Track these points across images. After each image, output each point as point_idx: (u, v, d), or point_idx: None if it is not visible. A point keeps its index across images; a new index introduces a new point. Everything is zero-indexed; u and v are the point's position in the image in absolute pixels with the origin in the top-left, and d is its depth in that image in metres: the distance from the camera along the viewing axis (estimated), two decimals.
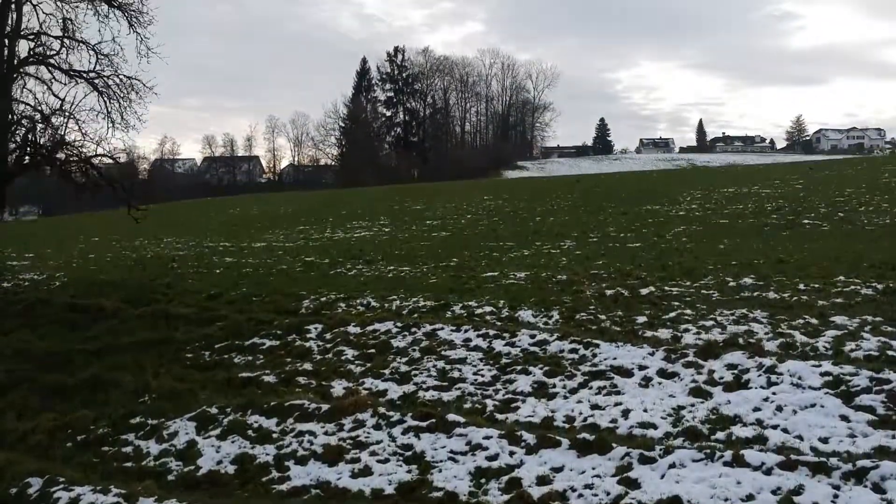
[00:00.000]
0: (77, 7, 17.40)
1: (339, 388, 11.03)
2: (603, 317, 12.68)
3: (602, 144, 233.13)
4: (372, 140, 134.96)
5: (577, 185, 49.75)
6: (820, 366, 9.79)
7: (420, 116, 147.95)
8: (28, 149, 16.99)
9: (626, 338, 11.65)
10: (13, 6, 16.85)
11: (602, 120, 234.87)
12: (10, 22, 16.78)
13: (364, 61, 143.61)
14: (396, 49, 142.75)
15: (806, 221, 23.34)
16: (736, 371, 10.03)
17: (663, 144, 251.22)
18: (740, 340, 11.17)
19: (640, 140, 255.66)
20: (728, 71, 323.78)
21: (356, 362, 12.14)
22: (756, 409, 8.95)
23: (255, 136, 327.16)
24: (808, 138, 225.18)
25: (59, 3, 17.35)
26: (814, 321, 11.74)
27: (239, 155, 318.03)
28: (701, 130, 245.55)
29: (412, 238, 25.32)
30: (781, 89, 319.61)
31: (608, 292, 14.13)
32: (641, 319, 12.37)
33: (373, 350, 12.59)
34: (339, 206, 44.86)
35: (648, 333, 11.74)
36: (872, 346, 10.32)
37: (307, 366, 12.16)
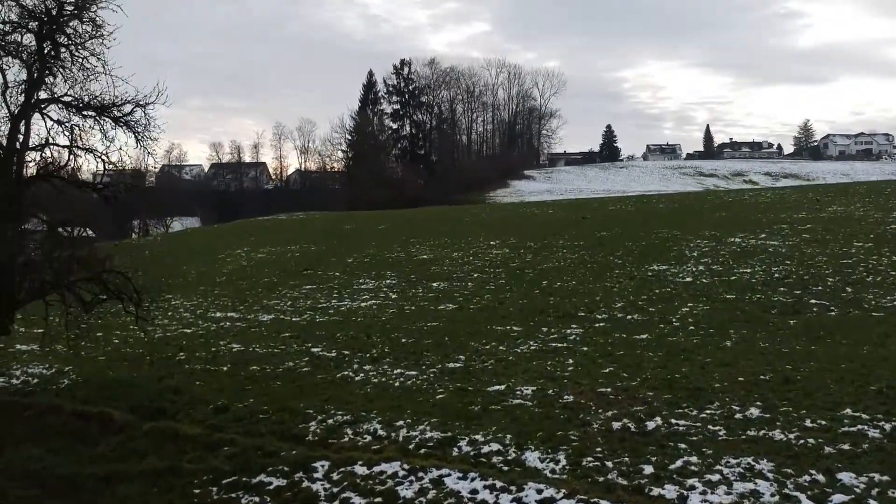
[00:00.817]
0: (85, 118, 17.49)
1: None
2: (610, 464, 12.69)
3: (608, 151, 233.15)
4: (378, 153, 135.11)
5: (584, 221, 49.80)
6: None
7: (427, 129, 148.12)
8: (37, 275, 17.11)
9: (633, 498, 11.71)
10: (23, 120, 16.96)
11: (609, 126, 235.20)
12: (19, 136, 16.92)
13: (370, 74, 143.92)
14: (403, 62, 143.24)
15: (813, 302, 23.27)
16: None
17: (670, 150, 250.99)
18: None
19: (647, 146, 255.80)
20: (734, 69, 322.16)
21: None
22: None
23: (262, 144, 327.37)
24: (815, 144, 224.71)
25: (66, 112, 17.47)
26: (820, 478, 11.75)
27: (246, 161, 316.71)
28: (708, 136, 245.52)
29: (418, 313, 25.34)
30: (787, 88, 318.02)
31: (615, 425, 14.15)
32: (648, 470, 12.38)
33: (379, 499, 12.67)
34: (347, 246, 44.81)
35: (655, 492, 11.76)
36: None
37: None
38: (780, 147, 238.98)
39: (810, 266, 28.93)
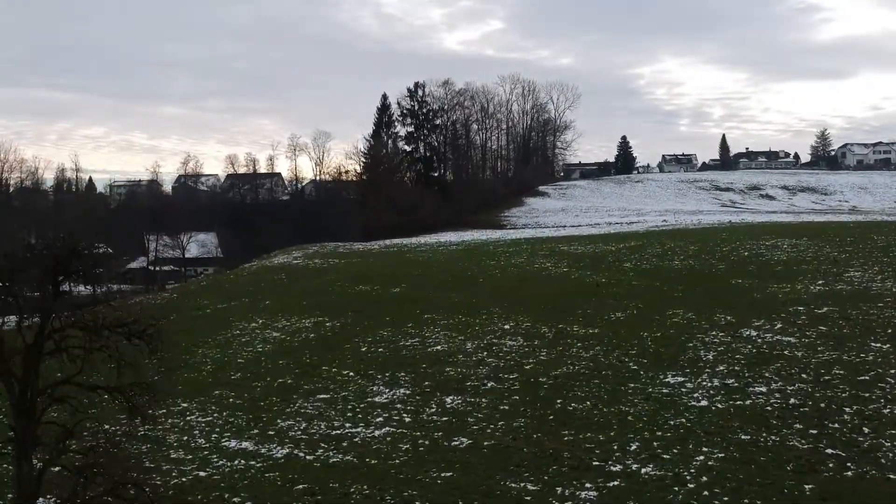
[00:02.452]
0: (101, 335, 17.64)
1: None
2: None
3: (623, 162, 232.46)
4: (392, 176, 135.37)
5: (597, 288, 49.64)
6: None
7: (441, 150, 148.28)
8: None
9: None
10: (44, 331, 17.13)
11: (624, 138, 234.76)
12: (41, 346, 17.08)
13: (384, 97, 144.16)
14: (417, 84, 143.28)
15: (830, 452, 23.07)
16: None
17: (686, 160, 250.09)
18: None
19: (663, 156, 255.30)
20: (751, 65, 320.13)
21: None
22: None
23: (277, 157, 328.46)
24: (833, 153, 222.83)
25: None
26: None
27: (261, 172, 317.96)
28: (724, 145, 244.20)
29: (432, 453, 25.36)
30: (806, 83, 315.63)
31: None
32: None
33: None
34: (362, 322, 44.90)
35: None
36: None
37: None
38: (797, 156, 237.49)
39: (827, 384, 28.70)
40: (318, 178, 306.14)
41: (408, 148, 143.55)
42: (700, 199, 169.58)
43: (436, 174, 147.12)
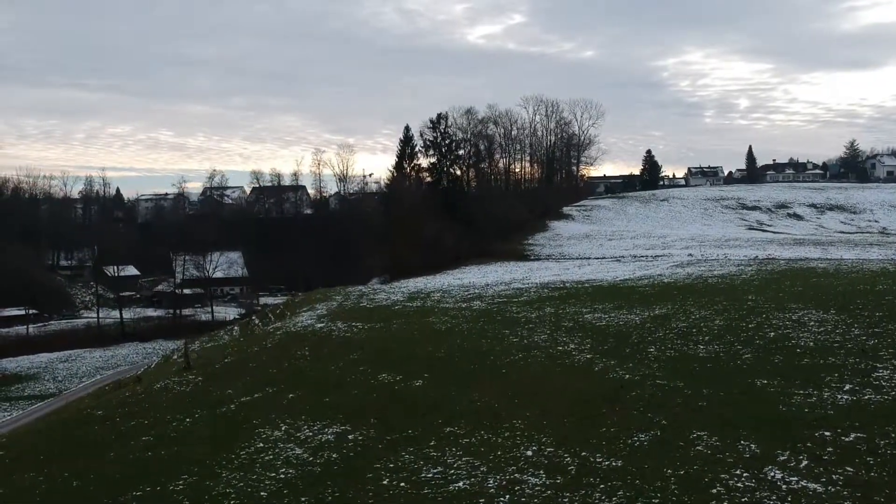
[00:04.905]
0: None
1: None
2: None
3: (649, 176, 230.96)
4: (416, 213, 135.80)
5: (620, 391, 49.22)
6: None
7: (464, 181, 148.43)
8: None
9: None
10: None
11: (649, 152, 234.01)
12: None
13: (407, 129, 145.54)
14: (440, 116, 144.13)
15: None
16: None
17: (711, 173, 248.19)
18: None
19: (689, 168, 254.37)
20: (776, 56, 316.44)
21: None
22: None
23: (301, 172, 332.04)
24: (862, 165, 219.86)
25: None
26: None
27: (286, 185, 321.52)
28: (750, 157, 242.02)
29: None
30: (832, 73, 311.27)
31: None
32: None
33: None
34: (386, 436, 44.87)
35: None
36: None
37: None
38: (825, 166, 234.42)
39: None
40: (342, 191, 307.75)
41: (430, 179, 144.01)
42: (726, 221, 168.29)
43: (459, 204, 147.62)
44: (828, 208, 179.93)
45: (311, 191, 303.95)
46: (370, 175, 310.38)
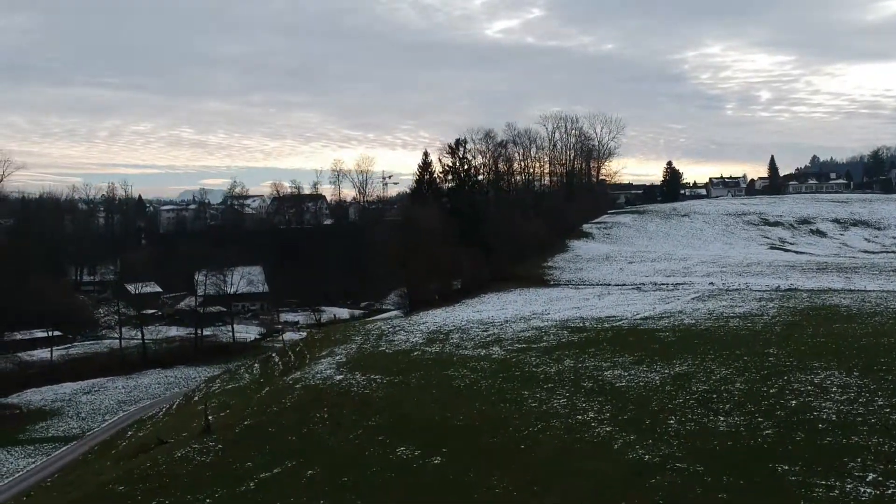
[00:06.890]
0: None
1: None
2: None
3: (670, 188, 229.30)
4: (433, 236, 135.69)
5: (639, 478, 48.72)
6: None
7: (483, 205, 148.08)
8: None
9: None
10: None
11: (669, 163, 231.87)
12: None
13: (426, 154, 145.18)
14: (458, 141, 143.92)
15: None
16: None
17: (733, 184, 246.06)
18: None
19: (710, 179, 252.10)
20: (798, 47, 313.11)
21: None
22: None
23: (321, 182, 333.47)
24: (886, 176, 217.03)
25: None
26: None
27: (306, 193, 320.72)
28: (773, 167, 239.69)
29: None
30: (855, 65, 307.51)
31: None
32: None
33: None
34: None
35: None
36: None
37: None
38: (848, 175, 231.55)
39: None
40: (361, 202, 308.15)
41: (449, 205, 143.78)
42: (748, 239, 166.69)
43: (477, 229, 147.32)
44: (851, 223, 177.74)
45: (329, 197, 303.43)
46: (389, 177, 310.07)
